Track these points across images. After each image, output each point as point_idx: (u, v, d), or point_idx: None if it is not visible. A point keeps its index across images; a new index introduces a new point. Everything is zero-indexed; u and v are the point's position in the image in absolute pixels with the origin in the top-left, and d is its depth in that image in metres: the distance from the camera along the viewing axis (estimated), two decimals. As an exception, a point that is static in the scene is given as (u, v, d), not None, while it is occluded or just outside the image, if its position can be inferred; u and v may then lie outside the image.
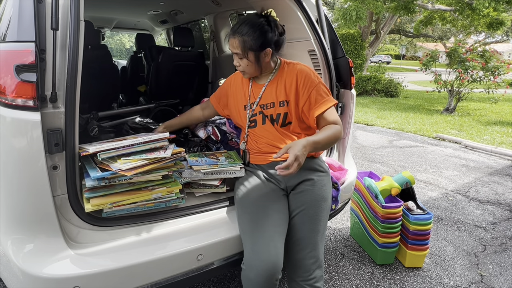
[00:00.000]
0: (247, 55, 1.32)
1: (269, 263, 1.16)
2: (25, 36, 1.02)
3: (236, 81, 1.55)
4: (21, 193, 1.05)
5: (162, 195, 1.28)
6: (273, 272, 1.17)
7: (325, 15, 1.96)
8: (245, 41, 1.30)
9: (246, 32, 1.30)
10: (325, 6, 18.87)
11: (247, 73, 1.40)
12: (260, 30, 1.30)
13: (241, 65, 1.37)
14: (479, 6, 8.71)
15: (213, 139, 1.97)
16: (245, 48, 1.31)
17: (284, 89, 1.39)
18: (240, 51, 1.32)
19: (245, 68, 1.37)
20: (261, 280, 1.16)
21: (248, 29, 1.29)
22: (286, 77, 1.40)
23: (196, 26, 4.45)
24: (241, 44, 1.31)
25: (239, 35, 1.30)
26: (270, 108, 1.41)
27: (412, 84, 15.96)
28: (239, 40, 1.31)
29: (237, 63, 1.38)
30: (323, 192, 1.37)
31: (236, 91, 1.53)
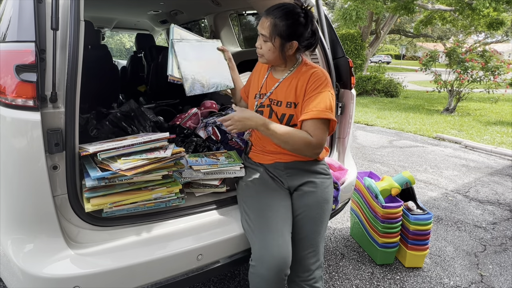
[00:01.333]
0: (274, 39, 1.27)
1: (280, 258, 1.16)
2: (25, 36, 1.02)
3: (257, 68, 1.53)
4: (21, 193, 1.05)
5: (162, 195, 1.28)
6: (283, 266, 1.16)
7: (325, 15, 1.96)
8: (276, 25, 1.25)
9: (280, 16, 1.24)
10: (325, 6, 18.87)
11: (265, 58, 1.34)
12: (294, 20, 1.25)
13: (262, 48, 1.32)
14: (479, 6, 8.71)
15: (213, 139, 1.97)
16: (274, 32, 1.26)
17: (295, 91, 1.34)
18: (268, 33, 1.27)
19: (265, 52, 1.32)
20: (272, 274, 1.15)
21: (283, 14, 1.24)
22: (300, 78, 1.35)
23: (196, 26, 4.45)
24: (271, 26, 1.25)
25: (272, 17, 1.25)
26: (278, 106, 1.38)
27: (412, 84, 15.96)
28: (271, 22, 1.25)
29: (259, 44, 1.32)
30: (325, 195, 1.37)
31: (255, 78, 1.52)
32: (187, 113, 2.27)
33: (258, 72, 1.51)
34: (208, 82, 1.45)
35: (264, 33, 1.27)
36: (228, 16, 3.42)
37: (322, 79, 1.31)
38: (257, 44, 1.33)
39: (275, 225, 1.23)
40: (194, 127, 2.20)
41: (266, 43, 1.29)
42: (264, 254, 1.18)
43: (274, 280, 1.16)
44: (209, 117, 2.19)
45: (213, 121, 2.09)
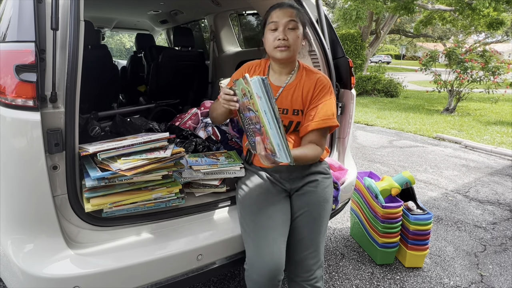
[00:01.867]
0: (302, 26, 1.28)
1: (272, 265, 1.17)
2: (25, 36, 1.02)
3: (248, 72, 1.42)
4: (21, 193, 1.05)
5: (162, 195, 1.28)
6: (276, 273, 1.18)
7: (325, 15, 1.96)
8: (300, 11, 1.28)
9: (298, 7, 1.29)
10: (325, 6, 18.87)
11: (291, 49, 1.27)
12: (306, 12, 1.33)
13: (288, 39, 1.25)
14: (479, 6, 8.71)
15: (213, 139, 1.97)
16: (300, 17, 1.28)
17: (301, 98, 1.33)
18: (296, 18, 1.26)
19: (293, 42, 1.26)
20: (264, 281, 1.17)
21: (300, 3, 1.33)
22: (304, 85, 1.34)
23: (196, 26, 4.45)
24: (297, 12, 1.27)
25: (292, 7, 1.28)
26: (284, 114, 1.34)
27: (412, 84, 15.96)
28: (295, 9, 1.27)
29: (283, 35, 1.24)
30: (325, 194, 1.37)
31: None
32: (187, 113, 2.28)
33: None
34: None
35: (293, 19, 1.25)
36: (228, 16, 3.42)
37: (327, 87, 1.34)
38: (281, 36, 1.24)
39: (270, 233, 1.23)
40: (194, 127, 2.20)
41: (293, 31, 1.25)
42: (256, 260, 1.19)
43: (266, 285, 1.18)
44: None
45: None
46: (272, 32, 1.26)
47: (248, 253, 1.24)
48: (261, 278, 1.17)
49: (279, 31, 1.25)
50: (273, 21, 1.26)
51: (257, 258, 1.20)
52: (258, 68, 1.42)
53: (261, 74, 1.39)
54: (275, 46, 1.26)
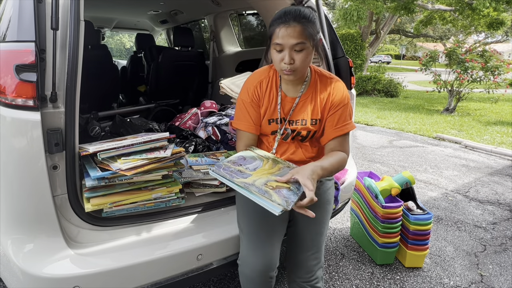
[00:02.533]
0: (311, 43, 1.13)
1: (264, 260, 1.18)
2: (25, 36, 1.02)
3: (257, 93, 1.29)
4: (21, 193, 1.05)
5: (162, 195, 1.28)
6: (267, 268, 1.19)
7: (325, 15, 1.96)
8: (308, 27, 1.11)
9: (305, 18, 1.11)
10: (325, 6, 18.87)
11: (299, 71, 1.16)
12: (314, 17, 1.14)
13: (296, 61, 1.13)
14: (479, 6, 8.71)
15: (213, 139, 1.98)
16: (309, 35, 1.11)
17: (318, 107, 1.26)
18: (304, 39, 1.10)
19: (301, 64, 1.14)
20: (255, 276, 1.18)
21: (306, 17, 1.11)
22: (321, 93, 1.27)
23: (196, 26, 4.45)
24: (305, 31, 1.10)
25: (298, 22, 1.09)
26: (301, 125, 1.27)
27: (412, 84, 15.96)
28: (302, 27, 1.09)
29: (289, 59, 1.12)
30: (327, 195, 1.37)
31: (263, 103, 1.30)
32: (187, 113, 2.28)
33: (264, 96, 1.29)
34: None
35: (300, 41, 1.10)
36: (228, 16, 3.42)
37: (344, 93, 1.28)
38: (287, 60, 1.12)
39: (264, 228, 1.23)
40: (194, 127, 2.20)
41: (301, 53, 1.12)
42: (248, 255, 1.21)
43: (258, 281, 1.19)
44: (209, 117, 2.19)
45: (213, 121, 2.10)
46: (277, 53, 1.15)
47: (241, 249, 1.26)
48: (252, 273, 1.19)
49: (285, 54, 1.13)
50: (278, 42, 1.12)
51: (249, 253, 1.21)
52: (266, 81, 1.29)
53: (272, 89, 1.29)
54: (281, 68, 1.17)
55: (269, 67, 1.32)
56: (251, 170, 1.15)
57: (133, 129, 1.89)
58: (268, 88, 1.28)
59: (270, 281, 1.22)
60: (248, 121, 1.29)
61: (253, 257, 1.20)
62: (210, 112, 2.32)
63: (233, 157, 1.22)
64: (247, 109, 1.29)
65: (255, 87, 1.28)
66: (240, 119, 1.31)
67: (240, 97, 1.32)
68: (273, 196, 1.01)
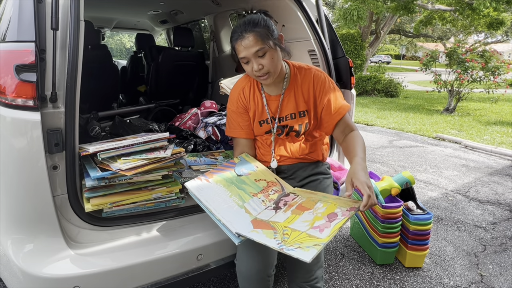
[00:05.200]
0: (270, 44, 1.18)
1: (260, 258, 1.18)
2: (25, 36, 1.02)
3: (242, 100, 1.37)
4: (21, 193, 1.05)
5: (162, 195, 1.28)
6: (264, 266, 1.19)
7: (325, 15, 1.96)
8: (260, 32, 1.16)
9: (254, 25, 1.17)
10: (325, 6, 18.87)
11: (272, 72, 1.22)
12: (263, 20, 1.20)
13: (264, 66, 1.19)
14: (480, 6, 8.70)
15: (213, 139, 1.98)
16: (264, 38, 1.16)
17: (302, 98, 1.32)
18: (261, 44, 1.16)
19: (270, 65, 1.19)
20: (252, 274, 1.19)
21: (254, 23, 1.17)
22: (302, 85, 1.32)
23: (196, 26, 4.45)
24: (258, 36, 1.16)
25: (249, 32, 1.16)
26: (290, 119, 1.33)
27: (412, 84, 15.96)
28: (254, 34, 1.15)
29: (257, 66, 1.19)
30: (326, 194, 1.38)
31: (250, 107, 1.37)
32: (187, 113, 2.28)
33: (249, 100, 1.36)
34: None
35: (258, 47, 1.16)
36: (228, 16, 3.42)
37: (325, 80, 1.33)
38: (255, 68, 1.19)
39: None
40: (194, 127, 2.20)
41: (264, 56, 1.18)
42: (245, 253, 1.21)
43: (255, 280, 1.19)
44: (209, 117, 2.19)
45: (213, 121, 2.10)
46: (246, 65, 1.22)
47: (238, 247, 1.26)
48: (249, 271, 1.19)
49: (252, 63, 1.19)
50: (241, 56, 1.20)
51: (245, 251, 1.21)
52: (248, 87, 1.37)
53: (256, 92, 1.36)
54: (255, 76, 1.23)
55: (247, 75, 1.38)
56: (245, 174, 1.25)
57: (132, 130, 1.89)
58: (251, 92, 1.36)
59: (268, 280, 1.22)
60: (237, 127, 1.39)
61: (249, 255, 1.20)
62: (210, 112, 2.32)
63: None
64: (235, 118, 1.38)
65: (239, 94, 1.38)
66: (232, 127, 1.41)
67: (228, 107, 1.41)
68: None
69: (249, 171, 1.28)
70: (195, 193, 1.15)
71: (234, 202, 1.14)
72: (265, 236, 1.00)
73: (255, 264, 1.18)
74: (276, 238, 0.98)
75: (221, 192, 1.17)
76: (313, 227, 1.01)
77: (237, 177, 1.25)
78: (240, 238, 1.03)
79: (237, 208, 1.13)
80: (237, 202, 1.15)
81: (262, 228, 1.04)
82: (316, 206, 1.13)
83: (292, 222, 1.06)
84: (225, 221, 1.06)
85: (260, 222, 1.08)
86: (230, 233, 1.05)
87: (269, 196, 1.22)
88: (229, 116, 1.41)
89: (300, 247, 0.93)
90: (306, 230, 1.01)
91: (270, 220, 1.08)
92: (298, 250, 0.92)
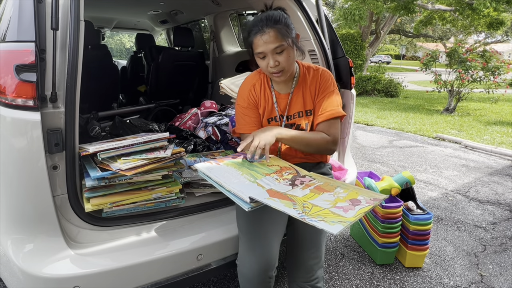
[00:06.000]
0: (289, 42, 1.18)
1: (262, 260, 1.18)
2: (25, 36, 1.02)
3: (253, 96, 1.37)
4: (21, 193, 1.05)
5: (162, 195, 1.28)
6: (265, 268, 1.18)
7: (325, 15, 1.96)
8: (280, 29, 1.16)
9: (275, 21, 1.17)
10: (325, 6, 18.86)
11: (286, 70, 1.23)
12: (284, 17, 1.20)
13: (280, 63, 1.20)
14: (480, 6, 8.70)
15: (213, 139, 1.98)
16: (284, 36, 1.17)
17: (310, 97, 1.34)
18: (281, 41, 1.16)
19: (286, 63, 1.20)
20: (253, 275, 1.18)
21: (276, 20, 1.17)
22: (311, 84, 1.34)
23: (196, 26, 4.45)
24: (278, 33, 1.16)
25: (270, 27, 1.15)
26: (298, 117, 1.35)
27: (412, 84, 15.96)
28: (275, 30, 1.15)
29: (274, 62, 1.19)
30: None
31: (261, 104, 1.37)
32: (187, 113, 2.28)
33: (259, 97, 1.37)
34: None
35: (278, 44, 1.17)
36: (228, 16, 3.42)
37: (329, 80, 1.34)
38: (272, 64, 1.19)
39: (263, 227, 1.23)
40: (194, 127, 2.20)
41: (282, 53, 1.19)
42: (247, 253, 1.21)
43: (257, 281, 1.19)
44: (209, 117, 2.19)
45: (213, 121, 2.10)
46: (262, 60, 1.22)
47: (240, 248, 1.26)
48: (250, 272, 1.19)
49: (269, 59, 1.20)
50: (259, 51, 1.20)
51: (247, 253, 1.21)
52: (259, 84, 1.37)
53: (266, 90, 1.36)
54: (270, 72, 1.24)
55: (258, 72, 1.40)
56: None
57: (132, 131, 1.89)
58: (262, 89, 1.37)
59: (269, 281, 1.22)
60: (249, 123, 1.37)
61: (251, 256, 1.19)
62: (210, 112, 2.32)
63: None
64: (246, 113, 1.37)
65: (250, 91, 1.37)
66: (242, 124, 1.38)
67: (238, 104, 1.40)
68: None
69: (261, 159, 1.22)
70: (204, 171, 1.11)
71: (245, 179, 1.09)
72: (283, 205, 0.93)
73: (256, 266, 1.18)
74: (296, 209, 0.91)
75: (232, 171, 1.13)
76: (335, 207, 0.94)
77: (248, 163, 1.20)
78: (251, 204, 0.97)
79: (248, 183, 1.06)
80: (248, 178, 1.09)
81: (279, 198, 0.97)
82: (336, 190, 1.07)
83: (312, 199, 0.99)
84: (236, 190, 1.00)
85: (276, 192, 1.01)
86: (241, 200, 0.98)
87: (283, 176, 1.16)
88: (239, 112, 1.39)
89: (324, 220, 0.86)
90: (329, 208, 0.93)
91: (287, 193, 1.02)
92: (321, 222, 0.85)
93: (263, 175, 1.13)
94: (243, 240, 1.25)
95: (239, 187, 1.02)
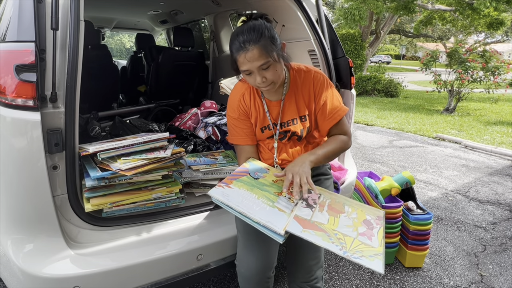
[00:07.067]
0: (274, 56, 1.13)
1: (261, 259, 1.18)
2: (25, 36, 1.02)
3: (243, 107, 1.33)
4: (21, 193, 1.05)
5: (162, 195, 1.28)
6: (264, 268, 1.19)
7: (325, 15, 1.96)
8: (264, 44, 1.10)
9: (258, 36, 1.10)
10: (325, 6, 18.86)
11: (275, 84, 1.18)
12: (267, 29, 1.13)
13: (268, 78, 1.14)
14: (480, 6, 8.70)
15: (213, 139, 1.98)
16: (268, 51, 1.11)
17: (303, 102, 1.30)
18: (265, 58, 1.11)
19: (274, 77, 1.15)
20: (252, 275, 1.19)
21: (258, 34, 1.11)
22: (303, 88, 1.29)
23: (196, 26, 4.45)
24: (263, 49, 1.10)
25: (253, 44, 1.09)
26: (293, 124, 1.31)
27: (412, 84, 15.96)
28: (259, 47, 1.09)
29: (261, 79, 1.14)
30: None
31: (252, 113, 1.33)
32: (187, 113, 2.28)
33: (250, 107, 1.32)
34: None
35: (264, 61, 1.11)
36: (228, 16, 3.42)
37: (324, 82, 1.30)
38: (258, 81, 1.14)
39: (262, 233, 1.22)
40: (194, 127, 2.20)
41: (269, 69, 1.13)
42: (245, 253, 1.21)
43: (255, 281, 1.19)
44: (209, 117, 2.19)
45: (213, 121, 2.10)
46: (248, 76, 1.17)
47: (239, 249, 1.26)
48: (249, 273, 1.19)
49: (255, 75, 1.14)
50: (244, 69, 1.14)
51: (245, 252, 1.21)
52: (248, 93, 1.32)
53: (256, 98, 1.32)
54: (258, 87, 1.19)
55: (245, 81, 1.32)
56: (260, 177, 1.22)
57: (132, 131, 1.89)
58: (251, 99, 1.33)
59: (268, 281, 1.22)
60: (241, 135, 1.34)
61: (249, 257, 1.20)
62: (210, 112, 2.31)
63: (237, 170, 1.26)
64: (237, 124, 1.34)
65: (239, 101, 1.33)
66: (234, 135, 1.36)
67: (228, 114, 1.37)
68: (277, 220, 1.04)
69: (263, 173, 1.25)
70: (221, 199, 1.09)
71: (264, 204, 1.10)
72: (320, 239, 0.97)
73: (255, 266, 1.18)
74: (334, 243, 0.96)
75: (247, 195, 1.12)
76: (360, 234, 1.02)
77: (255, 180, 1.20)
78: (284, 237, 1.00)
79: (270, 209, 1.07)
80: (267, 203, 1.10)
81: (312, 229, 1.00)
82: (346, 209, 1.13)
83: (336, 225, 1.04)
84: (265, 222, 1.02)
85: (305, 221, 1.03)
86: (273, 232, 1.01)
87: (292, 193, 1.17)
88: (230, 123, 1.36)
89: (363, 255, 0.93)
90: (356, 237, 1.00)
91: (314, 221, 1.05)
92: (363, 259, 0.92)
93: (277, 196, 1.15)
94: (242, 240, 1.25)
95: (265, 217, 1.04)
